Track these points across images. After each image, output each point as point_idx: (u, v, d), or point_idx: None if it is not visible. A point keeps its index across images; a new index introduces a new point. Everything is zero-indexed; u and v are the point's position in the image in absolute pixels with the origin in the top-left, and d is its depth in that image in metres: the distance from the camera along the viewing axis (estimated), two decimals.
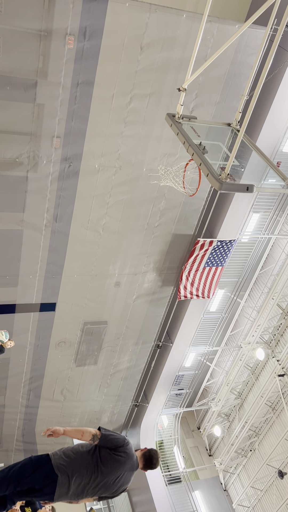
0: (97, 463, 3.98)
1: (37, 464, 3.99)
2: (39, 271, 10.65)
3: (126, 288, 11.93)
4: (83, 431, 4.04)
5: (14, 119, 8.32)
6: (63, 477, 3.90)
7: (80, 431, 4.05)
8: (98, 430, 4.09)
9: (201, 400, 17.03)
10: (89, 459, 4.01)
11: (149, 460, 4.22)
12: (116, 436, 4.10)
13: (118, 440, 4.08)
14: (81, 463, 3.97)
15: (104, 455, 4.01)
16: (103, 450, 4.03)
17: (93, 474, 3.97)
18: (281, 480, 13.30)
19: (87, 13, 7.56)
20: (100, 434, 4.04)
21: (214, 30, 8.33)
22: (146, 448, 4.34)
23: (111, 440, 4.04)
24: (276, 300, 13.22)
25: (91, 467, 3.98)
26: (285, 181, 4.59)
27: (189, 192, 6.66)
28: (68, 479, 3.92)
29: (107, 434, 4.06)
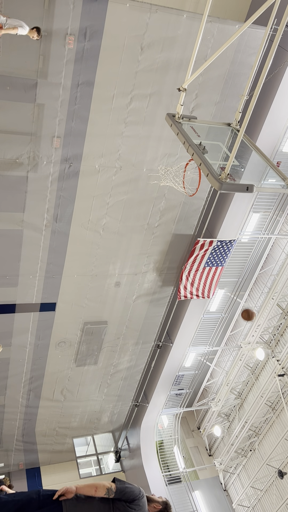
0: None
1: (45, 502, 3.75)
2: (39, 271, 10.66)
3: (126, 288, 11.94)
4: (97, 487, 3.81)
5: (14, 119, 8.33)
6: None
7: (93, 486, 3.81)
8: (113, 483, 3.87)
9: (201, 400, 17.03)
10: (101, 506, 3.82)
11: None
12: (132, 489, 3.89)
13: (134, 493, 3.88)
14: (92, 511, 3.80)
15: (118, 506, 3.83)
16: (117, 501, 3.85)
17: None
18: (281, 480, 13.30)
19: (87, 14, 7.57)
20: (115, 488, 3.83)
21: (214, 30, 8.34)
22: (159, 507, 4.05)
23: (127, 493, 3.85)
24: (276, 300, 13.22)
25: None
26: (285, 181, 4.60)
27: (189, 192, 6.67)
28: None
29: (123, 488, 3.85)
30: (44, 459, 15.67)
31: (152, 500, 4.06)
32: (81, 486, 3.79)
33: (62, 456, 15.90)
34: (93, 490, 3.77)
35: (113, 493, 3.80)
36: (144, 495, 3.93)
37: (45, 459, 15.69)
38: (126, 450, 16.71)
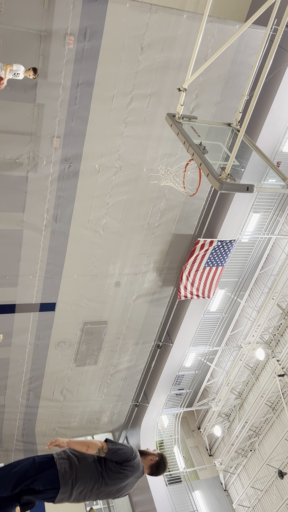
0: (102, 474, 3.88)
1: (41, 468, 3.82)
2: (39, 271, 10.65)
3: (126, 288, 11.93)
4: (89, 445, 3.86)
5: (14, 119, 8.32)
6: (66, 485, 3.79)
7: (85, 444, 3.87)
8: (105, 443, 3.90)
9: (201, 400, 17.03)
10: (94, 468, 3.89)
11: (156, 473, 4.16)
12: (123, 450, 3.92)
13: (126, 454, 3.91)
14: (86, 472, 3.86)
15: (110, 467, 3.89)
16: (109, 462, 3.90)
17: (96, 483, 3.87)
18: (281, 480, 13.30)
19: (87, 14, 7.56)
20: (106, 448, 3.87)
21: (214, 30, 8.33)
22: (156, 459, 4.13)
23: (118, 455, 3.89)
24: (276, 300, 13.22)
25: (95, 477, 3.87)
26: (285, 181, 4.59)
27: (189, 192, 6.66)
28: (71, 487, 3.82)
29: (114, 449, 3.88)
30: None
31: (148, 454, 4.12)
32: (74, 442, 3.85)
33: None
34: (85, 448, 3.83)
35: (104, 453, 3.83)
36: (137, 455, 3.96)
37: None
38: None
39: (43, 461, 3.86)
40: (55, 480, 3.76)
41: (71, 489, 3.81)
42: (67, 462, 3.85)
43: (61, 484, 3.74)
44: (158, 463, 4.11)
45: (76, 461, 3.87)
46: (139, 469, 3.99)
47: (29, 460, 3.88)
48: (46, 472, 3.77)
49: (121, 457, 3.87)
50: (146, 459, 4.11)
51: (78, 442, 3.87)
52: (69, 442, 3.86)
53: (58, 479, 3.75)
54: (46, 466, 3.82)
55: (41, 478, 3.74)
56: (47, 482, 3.75)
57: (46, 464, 3.83)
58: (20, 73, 7.28)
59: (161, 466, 4.12)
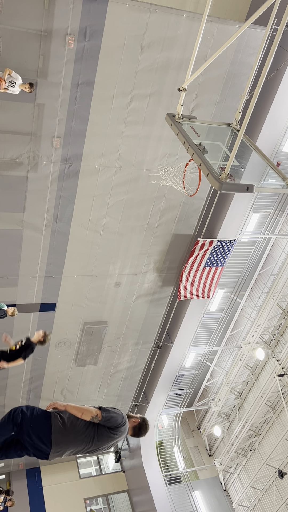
0: (93, 438, 4.22)
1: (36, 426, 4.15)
2: (39, 271, 10.66)
3: (126, 288, 11.93)
4: (83, 411, 4.20)
5: (14, 119, 8.32)
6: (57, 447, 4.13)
7: (80, 410, 4.21)
8: (99, 411, 4.23)
9: (201, 400, 17.02)
10: (86, 433, 4.21)
11: (138, 434, 4.53)
12: (115, 417, 4.26)
13: (117, 421, 4.26)
14: (77, 437, 4.18)
15: (101, 431, 4.23)
16: (102, 427, 4.24)
17: (86, 445, 4.23)
18: (281, 480, 13.30)
19: (87, 13, 7.57)
20: (100, 416, 4.19)
21: (214, 30, 8.33)
22: (138, 421, 4.51)
23: (111, 422, 4.23)
24: (276, 300, 13.22)
25: (86, 440, 4.21)
26: (285, 181, 4.60)
27: (189, 192, 6.67)
28: (62, 449, 4.18)
29: (108, 417, 4.22)
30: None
31: (131, 417, 4.54)
32: (70, 407, 4.23)
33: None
34: (80, 413, 4.20)
35: (97, 420, 4.21)
36: (126, 421, 4.38)
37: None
38: (126, 450, 16.71)
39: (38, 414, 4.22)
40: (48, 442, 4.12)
41: (62, 451, 4.19)
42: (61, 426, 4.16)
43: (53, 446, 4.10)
44: (140, 424, 4.51)
45: (70, 424, 4.19)
46: (126, 431, 4.43)
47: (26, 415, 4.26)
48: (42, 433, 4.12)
49: (112, 424, 4.23)
50: (129, 421, 4.50)
51: (75, 407, 4.23)
52: (66, 406, 4.22)
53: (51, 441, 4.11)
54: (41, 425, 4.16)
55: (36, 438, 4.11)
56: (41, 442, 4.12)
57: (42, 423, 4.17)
58: (17, 84, 7.39)
59: (143, 428, 4.52)
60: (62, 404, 4.23)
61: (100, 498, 16.06)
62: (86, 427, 4.21)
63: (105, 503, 15.75)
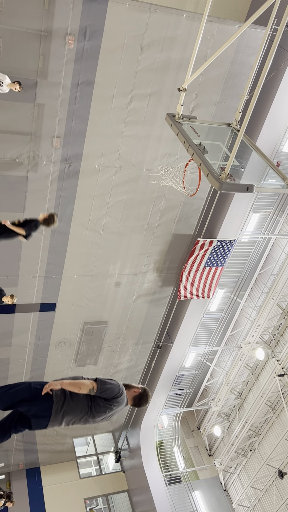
0: (90, 408, 4.28)
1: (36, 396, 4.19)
2: (39, 271, 10.66)
3: (126, 288, 11.93)
4: (80, 386, 4.23)
5: (14, 119, 8.33)
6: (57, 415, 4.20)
7: (77, 385, 4.24)
8: (95, 383, 4.28)
9: (201, 400, 17.02)
10: (84, 404, 4.28)
11: (138, 404, 4.52)
12: (111, 388, 4.30)
13: (113, 392, 4.29)
14: (76, 407, 4.25)
15: (98, 402, 4.29)
16: (98, 398, 4.29)
17: (84, 415, 4.30)
18: (281, 480, 13.30)
19: (87, 13, 7.57)
20: (96, 389, 4.25)
21: (214, 30, 8.33)
22: (139, 391, 4.50)
23: (107, 392, 4.27)
24: (276, 300, 13.22)
25: (84, 410, 4.27)
26: (285, 181, 4.59)
27: (189, 192, 6.67)
28: (61, 419, 4.24)
29: (103, 388, 4.27)
30: (44, 459, 15.67)
31: (132, 387, 4.53)
32: (66, 384, 4.24)
33: (62, 456, 15.89)
34: (77, 388, 4.22)
35: (94, 392, 4.25)
36: (123, 392, 4.38)
37: (45, 459, 15.68)
38: (126, 450, 16.71)
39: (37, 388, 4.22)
40: (48, 409, 4.17)
41: (60, 420, 4.25)
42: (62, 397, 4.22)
43: (52, 414, 4.17)
44: (141, 395, 4.48)
45: (69, 395, 4.25)
46: (124, 402, 4.42)
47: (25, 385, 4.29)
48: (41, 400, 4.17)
49: (109, 395, 4.27)
50: (130, 391, 4.49)
51: (71, 383, 4.24)
52: (62, 384, 4.22)
53: (51, 409, 4.17)
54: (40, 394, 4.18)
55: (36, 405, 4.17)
56: (39, 410, 4.19)
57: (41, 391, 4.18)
58: (4, 84, 7.36)
59: (143, 398, 4.49)
60: (57, 383, 4.25)
61: (100, 498, 16.06)
62: (84, 397, 4.29)
63: (105, 503, 15.74)
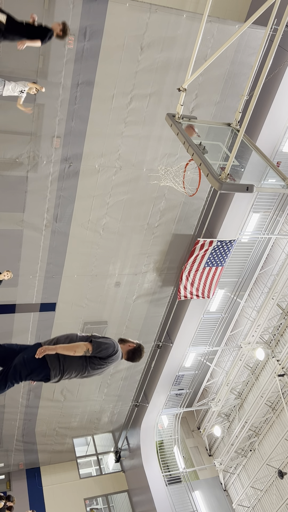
0: (86, 366, 4.41)
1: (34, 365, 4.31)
2: (39, 271, 10.65)
3: (126, 288, 11.93)
4: (75, 349, 4.30)
5: (14, 119, 8.33)
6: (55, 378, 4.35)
7: (71, 349, 4.30)
8: (90, 344, 4.34)
9: (201, 400, 17.02)
10: (80, 362, 4.39)
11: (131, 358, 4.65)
12: (106, 347, 4.37)
13: (108, 351, 4.38)
14: (72, 366, 4.37)
15: (94, 361, 4.41)
16: (94, 357, 4.40)
17: (80, 372, 4.43)
18: (281, 480, 13.30)
19: (87, 13, 7.57)
20: (91, 349, 4.33)
21: (214, 30, 8.33)
22: (133, 346, 4.61)
23: (102, 352, 4.35)
24: (276, 300, 13.22)
25: (80, 368, 4.40)
26: (285, 181, 4.59)
27: (189, 192, 6.67)
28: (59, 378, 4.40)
29: (99, 349, 4.34)
30: (44, 459, 15.67)
31: (127, 341, 4.66)
32: (61, 348, 4.29)
33: (62, 456, 15.89)
34: (72, 351, 4.30)
35: (89, 353, 4.35)
36: (118, 350, 4.49)
37: (45, 459, 15.69)
38: (126, 450, 16.71)
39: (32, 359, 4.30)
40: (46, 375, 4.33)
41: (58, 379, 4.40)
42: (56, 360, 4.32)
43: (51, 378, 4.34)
44: (135, 349, 4.61)
45: (63, 359, 4.35)
46: (119, 358, 4.56)
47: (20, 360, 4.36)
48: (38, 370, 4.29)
49: (103, 354, 4.37)
50: (125, 345, 4.63)
51: (65, 348, 4.30)
52: (56, 349, 4.28)
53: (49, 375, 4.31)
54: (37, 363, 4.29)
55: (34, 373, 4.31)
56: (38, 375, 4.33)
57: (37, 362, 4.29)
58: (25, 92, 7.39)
59: (137, 353, 4.62)
60: (51, 348, 4.30)
61: (100, 498, 16.05)
62: (79, 357, 4.38)
63: (105, 503, 15.74)
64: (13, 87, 7.20)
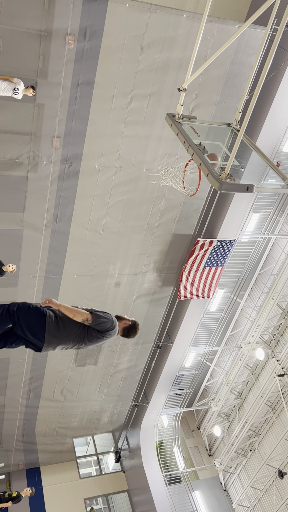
0: (83, 338, 4.45)
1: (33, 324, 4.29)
2: (39, 271, 10.66)
3: (126, 288, 11.93)
4: (75, 313, 4.36)
5: (14, 119, 8.33)
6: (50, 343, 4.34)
7: (72, 311, 4.36)
8: (90, 315, 4.39)
9: (201, 400, 17.02)
10: (77, 333, 4.41)
11: (126, 335, 4.76)
12: (104, 321, 4.43)
13: (106, 325, 4.44)
14: (69, 336, 4.39)
15: (92, 333, 4.45)
16: (92, 329, 4.45)
17: (77, 343, 4.47)
18: (281, 480, 13.30)
19: (87, 13, 7.57)
20: (91, 320, 4.37)
21: (214, 30, 8.33)
22: (129, 323, 4.70)
23: (100, 326, 4.42)
24: (276, 300, 13.22)
25: (77, 339, 4.43)
26: (285, 181, 4.59)
27: (189, 192, 6.67)
28: (54, 345, 4.40)
29: (97, 322, 4.40)
30: (44, 459, 15.67)
31: (123, 318, 4.74)
32: (64, 307, 4.37)
33: (62, 456, 15.89)
34: (72, 315, 4.36)
35: (88, 323, 4.40)
36: (116, 325, 4.57)
37: (45, 459, 15.69)
38: (126, 450, 16.71)
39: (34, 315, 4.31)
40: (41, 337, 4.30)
41: (53, 347, 4.41)
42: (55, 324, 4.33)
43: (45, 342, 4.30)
44: (130, 326, 4.72)
45: (63, 325, 4.36)
46: (115, 333, 4.65)
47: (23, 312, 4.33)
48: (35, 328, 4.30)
49: (102, 328, 4.44)
50: (121, 322, 4.70)
51: (67, 308, 4.37)
52: (60, 306, 4.36)
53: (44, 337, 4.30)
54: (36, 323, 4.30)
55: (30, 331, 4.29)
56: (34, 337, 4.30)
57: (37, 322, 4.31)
58: (20, 90, 7.41)
59: (132, 330, 4.73)
60: (56, 303, 4.36)
61: (100, 498, 16.06)
62: (77, 327, 4.40)
63: (105, 503, 15.74)
64: (6, 87, 7.23)
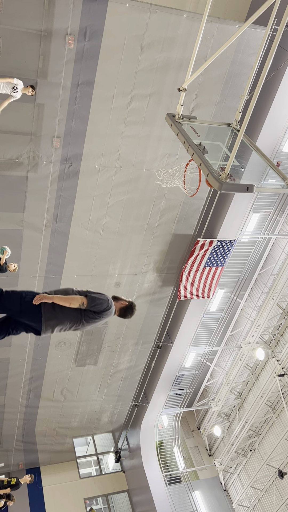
0: (80, 320, 4.56)
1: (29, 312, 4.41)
2: (39, 271, 10.65)
3: (126, 288, 11.93)
4: (71, 301, 4.44)
5: (14, 119, 8.33)
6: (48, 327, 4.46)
7: (67, 300, 4.44)
8: (85, 298, 4.49)
9: (201, 400, 17.02)
10: (74, 315, 4.52)
11: (123, 315, 4.82)
12: (101, 303, 4.54)
13: (102, 306, 4.54)
14: (66, 319, 4.51)
15: (88, 315, 4.56)
16: (88, 311, 4.54)
17: (74, 324, 4.58)
18: (281, 480, 13.30)
19: (87, 13, 7.57)
20: (86, 304, 4.47)
21: (214, 30, 8.33)
22: (126, 303, 4.77)
23: (96, 307, 4.52)
24: (276, 300, 13.22)
25: (74, 320, 4.54)
26: (285, 181, 4.59)
27: (190, 192, 6.66)
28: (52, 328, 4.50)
29: (94, 303, 4.50)
30: (44, 459, 15.67)
31: (120, 299, 4.81)
32: (57, 298, 4.44)
33: (62, 456, 15.89)
34: (68, 303, 4.45)
35: (84, 307, 4.50)
36: (112, 305, 4.66)
37: (45, 459, 15.69)
38: (126, 450, 16.71)
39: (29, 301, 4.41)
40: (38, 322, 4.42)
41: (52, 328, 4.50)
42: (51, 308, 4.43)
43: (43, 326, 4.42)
44: (127, 307, 4.79)
45: (59, 309, 4.46)
46: (112, 313, 4.71)
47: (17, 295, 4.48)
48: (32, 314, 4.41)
49: (98, 309, 4.54)
50: (117, 302, 4.78)
51: (62, 298, 4.45)
52: (53, 298, 4.44)
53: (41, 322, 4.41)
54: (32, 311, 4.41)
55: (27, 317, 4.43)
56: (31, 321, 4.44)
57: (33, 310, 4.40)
58: (19, 89, 7.39)
59: (129, 310, 4.80)
60: (49, 297, 4.42)
61: (100, 498, 16.05)
62: (74, 310, 4.50)
63: (105, 503, 15.74)
64: (5, 85, 7.21)
